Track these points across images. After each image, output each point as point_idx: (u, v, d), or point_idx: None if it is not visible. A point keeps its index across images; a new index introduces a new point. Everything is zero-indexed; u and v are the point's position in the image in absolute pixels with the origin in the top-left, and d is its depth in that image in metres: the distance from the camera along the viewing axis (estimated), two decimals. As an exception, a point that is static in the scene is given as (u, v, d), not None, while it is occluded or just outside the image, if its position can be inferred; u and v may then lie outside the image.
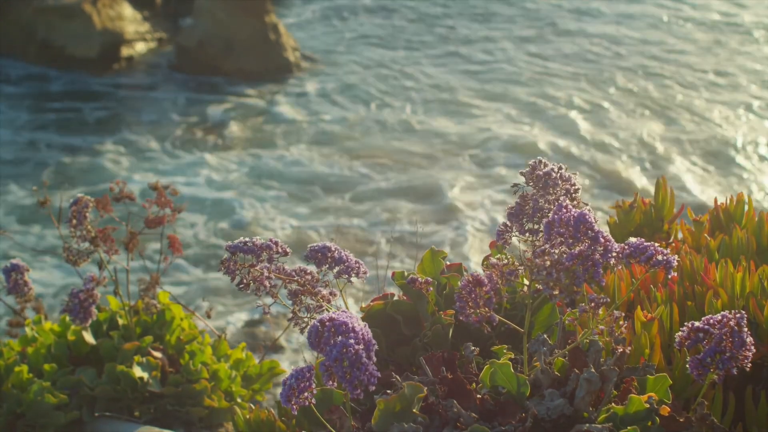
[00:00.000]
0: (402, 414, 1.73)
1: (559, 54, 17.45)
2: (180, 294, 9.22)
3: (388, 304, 2.20)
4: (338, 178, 12.42)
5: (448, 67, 16.91)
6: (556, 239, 1.66)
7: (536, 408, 1.73)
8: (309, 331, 1.60)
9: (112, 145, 13.54)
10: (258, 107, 15.03)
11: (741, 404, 1.96)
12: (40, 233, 10.63)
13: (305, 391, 1.63)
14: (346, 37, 18.48)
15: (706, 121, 14.12)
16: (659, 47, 17.64)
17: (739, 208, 2.66)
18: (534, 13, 20.14)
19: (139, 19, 17.08)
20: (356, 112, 14.79)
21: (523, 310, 2.16)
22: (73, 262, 2.81)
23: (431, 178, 12.38)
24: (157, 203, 3.08)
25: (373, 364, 1.58)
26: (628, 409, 1.67)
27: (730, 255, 2.39)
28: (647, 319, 1.99)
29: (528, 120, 14.39)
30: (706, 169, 12.57)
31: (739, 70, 16.39)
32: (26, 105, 14.83)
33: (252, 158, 13.08)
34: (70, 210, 2.77)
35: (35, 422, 2.74)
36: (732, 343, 1.62)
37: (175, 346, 3.05)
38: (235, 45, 16.15)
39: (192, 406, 2.88)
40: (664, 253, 1.67)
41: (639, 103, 15.02)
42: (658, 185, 2.85)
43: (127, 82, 15.92)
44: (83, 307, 2.71)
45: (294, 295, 1.90)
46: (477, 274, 1.75)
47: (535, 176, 1.80)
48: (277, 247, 1.89)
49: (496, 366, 1.78)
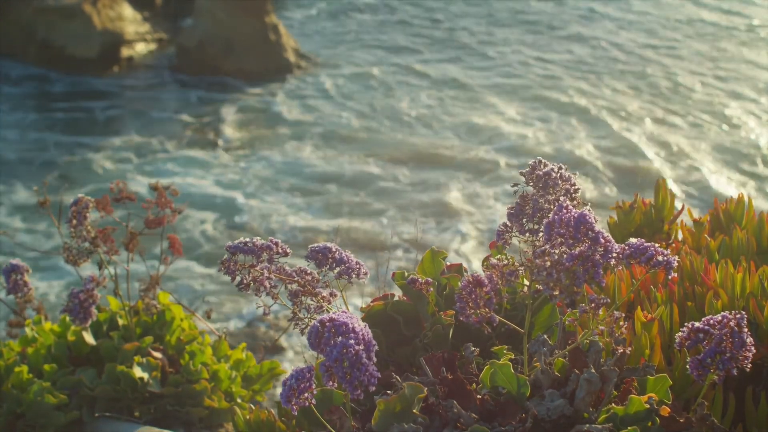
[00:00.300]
0: (402, 414, 1.73)
1: (564, 57, 17.45)
2: (187, 293, 9.24)
3: (388, 304, 2.20)
4: (343, 177, 12.42)
5: (450, 67, 16.91)
6: (557, 240, 1.66)
7: (536, 408, 1.73)
8: (309, 332, 1.60)
9: (113, 145, 13.55)
10: (259, 107, 15.04)
11: (741, 405, 1.96)
12: (47, 231, 10.65)
13: (305, 391, 1.63)
14: (346, 37, 18.49)
15: (733, 126, 14.15)
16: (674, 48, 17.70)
17: (739, 208, 2.66)
18: (536, 15, 20.16)
19: (139, 19, 17.09)
20: (357, 111, 14.79)
21: (524, 311, 2.16)
22: (73, 262, 2.81)
23: (434, 178, 12.39)
24: (157, 203, 3.08)
25: (374, 364, 1.58)
26: (629, 409, 1.67)
27: (730, 255, 2.39)
28: (647, 319, 1.99)
29: (533, 119, 14.39)
30: (723, 170, 12.61)
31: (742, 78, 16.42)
32: (27, 105, 14.84)
33: (255, 158, 13.08)
34: (70, 210, 2.77)
35: (35, 422, 2.74)
36: (732, 343, 1.62)
37: (175, 347, 3.05)
38: (236, 45, 16.15)
39: (192, 407, 2.88)
40: (665, 254, 1.67)
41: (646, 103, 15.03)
42: (658, 186, 2.85)
43: (127, 82, 15.92)
44: (83, 308, 2.71)
45: (294, 296, 1.90)
46: (477, 275, 1.75)
47: (535, 176, 1.79)
48: (277, 247, 1.89)
49: (496, 366, 1.78)
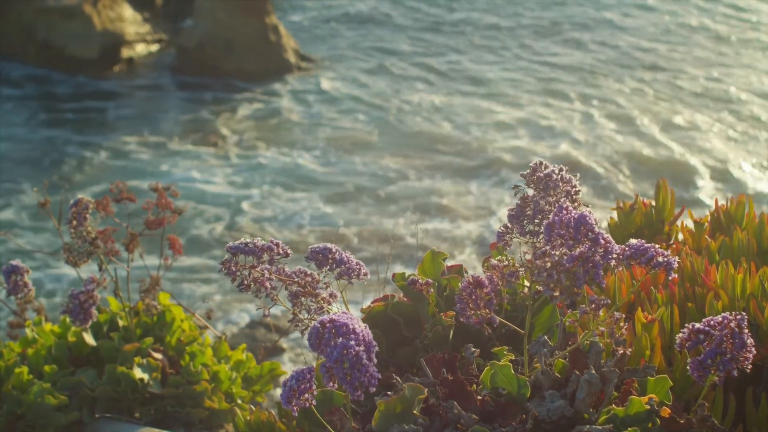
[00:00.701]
0: (402, 415, 1.73)
1: (568, 59, 17.45)
2: (189, 293, 9.24)
3: (388, 305, 2.20)
4: (345, 176, 12.42)
5: (452, 68, 16.91)
6: (557, 241, 1.66)
7: (537, 409, 1.73)
8: (310, 333, 1.60)
9: (113, 145, 13.56)
10: (260, 108, 15.04)
11: (741, 406, 1.96)
12: (54, 230, 10.67)
13: (306, 392, 1.63)
14: (347, 38, 18.49)
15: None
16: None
17: (739, 209, 2.65)
18: (539, 15, 20.16)
19: (140, 20, 17.09)
20: (358, 111, 14.80)
21: (524, 312, 2.16)
22: (74, 263, 2.81)
23: (438, 177, 12.40)
24: (157, 204, 3.07)
25: (374, 365, 1.58)
26: (629, 410, 1.67)
27: (730, 256, 2.39)
28: (648, 320, 1.99)
29: (538, 120, 14.40)
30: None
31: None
32: (29, 106, 14.84)
33: (256, 158, 13.09)
34: (71, 211, 2.77)
35: (35, 423, 2.74)
36: (732, 344, 1.62)
37: (175, 348, 3.05)
38: (236, 46, 16.15)
39: (192, 408, 2.88)
40: (665, 255, 1.67)
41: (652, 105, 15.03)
42: (659, 187, 2.85)
43: (127, 83, 15.92)
44: (83, 309, 2.71)
45: (295, 297, 1.89)
46: (477, 276, 1.75)
47: (535, 178, 1.79)
48: (278, 248, 1.89)
49: (496, 367, 1.77)
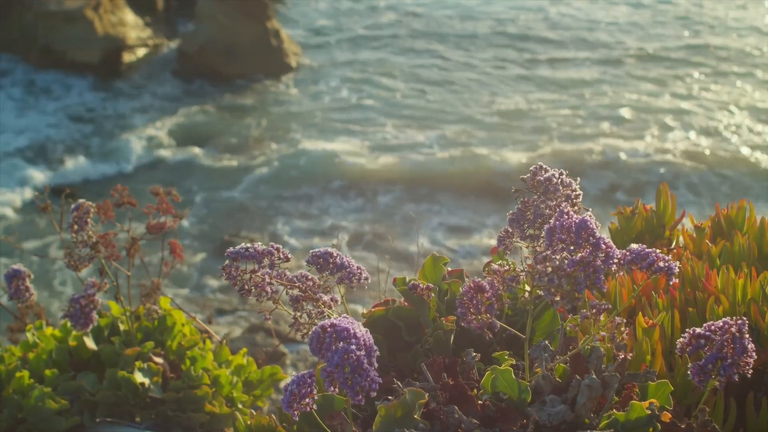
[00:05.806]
0: (403, 420, 1.73)
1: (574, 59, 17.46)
2: (190, 293, 9.25)
3: (389, 310, 2.20)
4: (347, 180, 12.42)
5: (452, 67, 16.92)
6: (558, 245, 1.66)
7: (537, 414, 1.73)
8: (310, 337, 1.60)
9: (114, 148, 13.56)
10: (262, 111, 15.05)
11: (742, 411, 1.95)
12: (55, 234, 10.68)
13: (306, 396, 1.63)
14: (348, 42, 18.50)
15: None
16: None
17: (740, 214, 2.65)
18: (541, 14, 20.17)
19: (141, 24, 17.12)
20: (359, 116, 14.80)
21: (525, 316, 2.16)
22: (75, 267, 2.81)
23: (441, 180, 12.41)
24: (158, 209, 3.08)
25: (375, 369, 1.58)
26: (630, 415, 1.67)
27: (731, 261, 2.39)
28: (649, 325, 1.98)
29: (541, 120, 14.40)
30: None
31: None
32: (29, 109, 14.85)
33: (257, 163, 13.08)
34: (72, 216, 2.77)
35: (36, 427, 2.73)
36: (733, 349, 1.62)
37: (176, 352, 3.05)
38: (237, 50, 16.17)
39: (193, 412, 2.88)
40: (666, 260, 1.67)
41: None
42: (659, 192, 2.85)
43: (128, 87, 15.94)
44: (84, 313, 2.71)
45: (295, 301, 1.89)
46: (478, 280, 1.75)
47: (536, 182, 1.79)
48: (278, 252, 1.89)
49: (497, 372, 1.77)
